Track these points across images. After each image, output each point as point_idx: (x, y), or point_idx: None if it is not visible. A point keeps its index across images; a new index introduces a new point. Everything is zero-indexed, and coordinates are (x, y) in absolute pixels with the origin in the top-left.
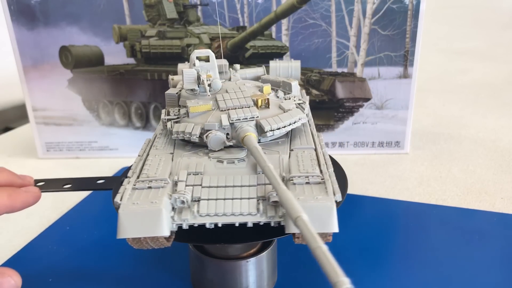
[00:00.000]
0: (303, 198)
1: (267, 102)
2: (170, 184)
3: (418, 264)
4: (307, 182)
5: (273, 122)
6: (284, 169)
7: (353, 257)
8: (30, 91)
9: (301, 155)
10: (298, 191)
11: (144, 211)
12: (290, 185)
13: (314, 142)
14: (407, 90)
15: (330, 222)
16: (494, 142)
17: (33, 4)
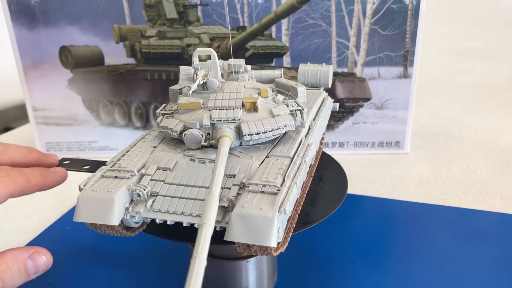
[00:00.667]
0: (248, 206)
1: (255, 105)
2: (136, 177)
3: (418, 264)
4: (262, 191)
5: (253, 127)
6: (250, 175)
7: (353, 257)
8: (30, 91)
9: (272, 163)
10: (249, 198)
11: (98, 199)
12: (245, 192)
13: (296, 151)
14: (407, 90)
15: (267, 235)
16: (494, 142)
17: (33, 4)
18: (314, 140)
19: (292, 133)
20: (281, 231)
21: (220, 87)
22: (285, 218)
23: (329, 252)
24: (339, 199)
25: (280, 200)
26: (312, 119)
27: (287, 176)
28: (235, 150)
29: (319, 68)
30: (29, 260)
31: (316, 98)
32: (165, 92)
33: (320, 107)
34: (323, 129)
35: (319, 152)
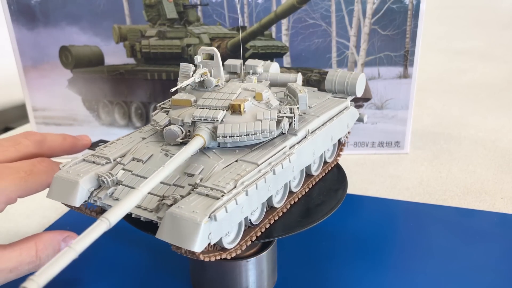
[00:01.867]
0: (184, 207)
1: (239, 108)
2: (111, 164)
3: (418, 264)
4: (207, 194)
5: (228, 129)
6: (208, 176)
7: (353, 257)
8: (30, 91)
9: (235, 168)
10: (191, 200)
11: (67, 180)
12: (192, 193)
13: (268, 159)
14: (407, 90)
15: (191, 239)
16: (494, 142)
17: (33, 4)
18: (309, 150)
19: (279, 140)
20: (213, 237)
21: (222, 86)
22: (224, 225)
23: (329, 252)
24: (339, 199)
25: (216, 206)
26: (312, 128)
27: (240, 183)
28: (210, 150)
29: (347, 75)
30: (62, 242)
31: (332, 107)
32: (165, 92)
33: (334, 117)
34: (334, 140)
35: (332, 163)
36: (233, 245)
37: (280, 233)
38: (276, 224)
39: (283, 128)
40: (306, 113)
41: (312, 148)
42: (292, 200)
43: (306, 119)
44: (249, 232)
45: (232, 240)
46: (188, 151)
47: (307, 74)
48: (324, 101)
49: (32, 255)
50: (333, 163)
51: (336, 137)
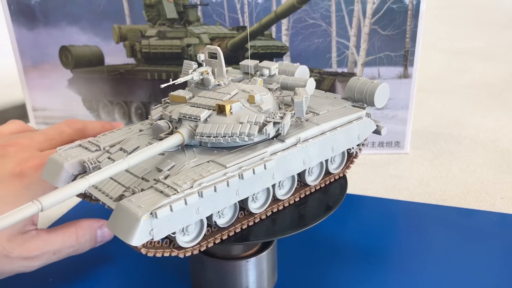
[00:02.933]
0: (134, 201)
1: (224, 109)
2: (100, 152)
3: (418, 264)
4: (161, 191)
5: (207, 129)
6: (174, 173)
7: (353, 257)
8: (30, 91)
9: (201, 168)
10: (145, 194)
11: (55, 162)
12: (150, 188)
13: (239, 163)
14: (407, 90)
15: (130, 233)
16: (494, 142)
17: (33, 4)
18: (299, 159)
19: (264, 145)
20: (156, 233)
21: (223, 85)
22: (172, 223)
23: (329, 252)
24: (338, 199)
25: (160, 204)
26: (306, 136)
27: (197, 184)
28: (191, 148)
29: (368, 84)
30: (98, 230)
31: (341, 116)
32: (165, 92)
33: (340, 127)
34: (338, 151)
35: (337, 175)
36: (191, 244)
37: (260, 237)
38: (264, 227)
39: (265, 133)
40: (308, 120)
41: (303, 157)
42: (276, 208)
43: (304, 126)
44: (217, 234)
45: (192, 240)
46: (157, 148)
47: None
48: (337, 109)
49: (73, 239)
50: (339, 175)
51: (340, 148)
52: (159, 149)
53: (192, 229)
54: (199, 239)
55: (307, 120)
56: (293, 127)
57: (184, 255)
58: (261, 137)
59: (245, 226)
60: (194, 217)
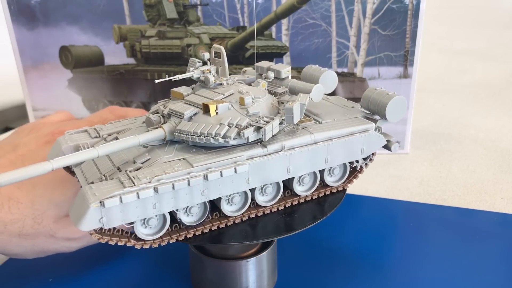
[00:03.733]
0: (94, 188)
1: (208, 109)
2: (99, 139)
3: (418, 264)
4: (121, 181)
5: (186, 127)
6: (144, 167)
7: (353, 257)
8: (30, 91)
9: (169, 165)
10: (107, 183)
11: (57, 144)
12: (116, 178)
13: (207, 163)
14: (407, 90)
15: (79, 219)
16: (494, 142)
17: (33, 4)
18: (281, 166)
19: (244, 148)
20: (107, 222)
21: (227, 85)
22: (124, 213)
23: (329, 252)
24: (338, 199)
25: (111, 194)
26: (291, 145)
27: (156, 179)
28: (173, 144)
29: (382, 95)
30: None
31: (344, 127)
32: (165, 92)
33: (337, 138)
34: (333, 163)
35: (336, 188)
36: (151, 237)
37: (234, 240)
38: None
39: (243, 136)
40: (306, 127)
41: (287, 166)
42: (255, 213)
43: (296, 134)
44: (183, 231)
45: (153, 233)
46: (134, 140)
47: None
48: (345, 119)
49: None
50: (337, 188)
51: (337, 161)
52: (135, 141)
53: (154, 223)
54: (160, 234)
55: (304, 127)
56: (285, 134)
57: (142, 247)
58: (240, 140)
59: (216, 227)
60: (150, 211)
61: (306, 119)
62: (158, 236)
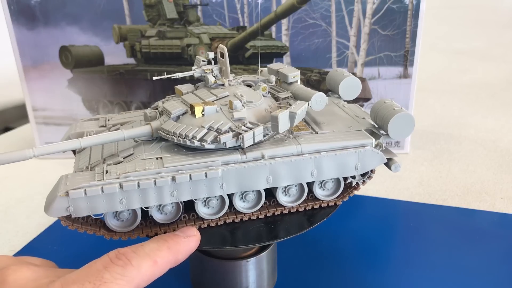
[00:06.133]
0: (70, 177)
1: (193, 110)
2: (104, 128)
3: (418, 264)
4: (95, 174)
5: (168, 126)
6: (124, 161)
7: (353, 257)
8: (30, 91)
9: (144, 163)
10: (83, 173)
11: (69, 128)
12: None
13: (177, 165)
14: (407, 90)
15: (49, 205)
16: (494, 142)
17: (33, 4)
18: (260, 175)
19: (222, 153)
20: (74, 211)
21: (229, 86)
22: (90, 205)
23: (329, 252)
24: (328, 213)
25: (77, 186)
26: (272, 154)
27: (124, 176)
28: (160, 142)
29: (388, 110)
30: None
31: (339, 140)
32: (165, 92)
33: (326, 152)
34: (321, 177)
35: (327, 202)
36: (122, 230)
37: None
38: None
39: (220, 141)
40: (297, 137)
41: (267, 175)
42: (232, 218)
43: (282, 143)
44: (155, 228)
45: (125, 226)
46: (119, 134)
47: (307, 74)
48: (347, 132)
49: None
50: (328, 203)
51: (326, 175)
52: (121, 136)
53: (125, 216)
54: (131, 228)
55: (296, 136)
56: (272, 142)
57: (111, 238)
58: (218, 145)
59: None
60: (117, 206)
61: (304, 128)
62: (129, 229)
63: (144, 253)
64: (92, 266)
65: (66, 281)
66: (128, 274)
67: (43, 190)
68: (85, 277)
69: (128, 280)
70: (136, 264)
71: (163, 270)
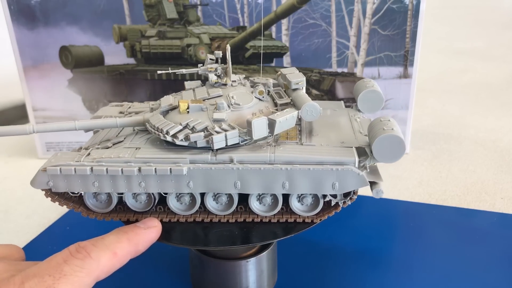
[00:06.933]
0: (60, 155)
1: (177, 107)
2: (122, 115)
3: (418, 264)
4: (79, 155)
5: (153, 120)
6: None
7: (353, 257)
8: (30, 91)
9: (122, 151)
10: (73, 153)
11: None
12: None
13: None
14: (407, 90)
15: (34, 179)
16: (494, 142)
17: (33, 4)
18: (227, 179)
19: (195, 151)
20: (54, 186)
21: (231, 86)
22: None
23: (329, 252)
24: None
25: (55, 164)
26: (241, 159)
27: (97, 161)
28: (148, 133)
29: (376, 128)
30: None
31: (319, 154)
32: (165, 92)
33: (300, 165)
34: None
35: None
36: (99, 210)
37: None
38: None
39: (190, 139)
40: (278, 145)
41: (235, 179)
42: (202, 218)
43: (259, 150)
44: (129, 213)
45: (101, 207)
46: (112, 121)
47: (307, 74)
48: (335, 147)
49: None
50: (303, 219)
51: (298, 189)
52: (113, 123)
53: (103, 198)
54: (108, 210)
55: (277, 145)
56: (249, 148)
57: (88, 216)
58: (190, 143)
59: (161, 220)
60: (91, 188)
61: (293, 137)
62: (105, 211)
63: (103, 245)
64: (52, 260)
65: (27, 275)
66: (87, 267)
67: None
68: (45, 271)
69: (88, 273)
70: (95, 256)
71: (123, 261)
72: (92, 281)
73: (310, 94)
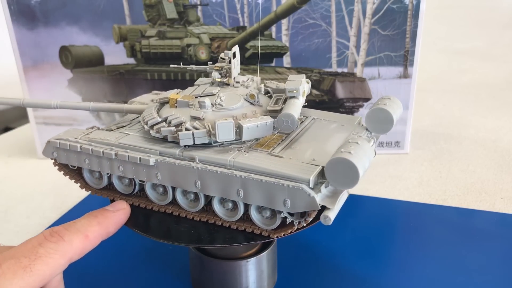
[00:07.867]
0: (72, 130)
1: (167, 101)
2: (152, 102)
3: (418, 264)
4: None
5: (146, 113)
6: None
7: (353, 257)
8: (30, 91)
9: (110, 134)
10: (83, 130)
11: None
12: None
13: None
14: (407, 90)
15: (45, 146)
16: (494, 142)
17: (33, 4)
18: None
19: (170, 146)
20: (57, 157)
21: (233, 86)
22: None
23: (329, 252)
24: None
25: (57, 138)
26: (203, 158)
27: (88, 140)
28: None
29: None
30: None
31: (272, 165)
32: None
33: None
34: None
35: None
36: (93, 185)
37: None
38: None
39: (160, 132)
40: (246, 151)
41: (195, 178)
42: (172, 210)
43: (225, 152)
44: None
45: (95, 183)
46: (119, 106)
47: (307, 74)
48: (302, 163)
49: None
50: (261, 232)
51: (251, 199)
52: (120, 108)
53: (96, 175)
54: (100, 187)
55: (246, 151)
56: (219, 149)
57: (83, 188)
58: (164, 137)
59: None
60: (83, 163)
61: (269, 145)
62: (98, 187)
63: (75, 229)
64: (28, 243)
65: (4, 257)
66: (61, 249)
67: (43, 190)
68: (21, 253)
69: (61, 254)
70: (68, 239)
71: (95, 243)
72: (65, 262)
73: (310, 94)
